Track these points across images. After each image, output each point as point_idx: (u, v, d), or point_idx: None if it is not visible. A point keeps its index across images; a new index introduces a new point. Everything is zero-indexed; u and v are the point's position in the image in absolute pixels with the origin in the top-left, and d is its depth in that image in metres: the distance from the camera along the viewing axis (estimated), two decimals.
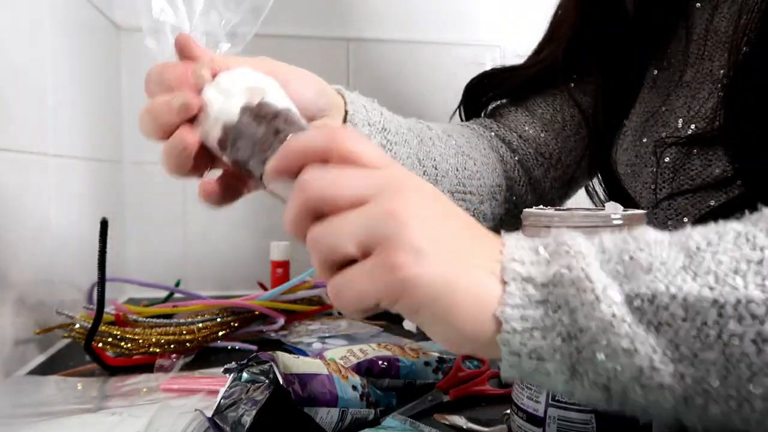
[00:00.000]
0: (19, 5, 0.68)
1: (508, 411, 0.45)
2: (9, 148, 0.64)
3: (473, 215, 0.57)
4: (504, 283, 0.29)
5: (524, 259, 0.29)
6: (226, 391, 0.42)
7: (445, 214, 0.31)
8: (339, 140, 0.31)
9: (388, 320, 0.84)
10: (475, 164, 0.62)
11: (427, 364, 0.57)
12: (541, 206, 0.44)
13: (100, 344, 0.62)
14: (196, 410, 0.45)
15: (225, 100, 0.36)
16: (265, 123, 0.35)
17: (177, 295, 0.87)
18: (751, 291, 0.25)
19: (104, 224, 0.57)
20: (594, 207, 0.62)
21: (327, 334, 0.72)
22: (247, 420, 0.40)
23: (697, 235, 0.28)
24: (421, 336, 0.77)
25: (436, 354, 0.59)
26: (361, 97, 0.53)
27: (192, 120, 0.38)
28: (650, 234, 0.29)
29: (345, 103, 0.50)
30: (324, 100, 0.47)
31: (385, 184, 0.30)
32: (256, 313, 0.73)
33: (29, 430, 0.45)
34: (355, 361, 0.55)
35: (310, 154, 0.32)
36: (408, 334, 0.77)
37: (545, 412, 0.40)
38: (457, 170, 0.60)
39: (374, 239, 0.29)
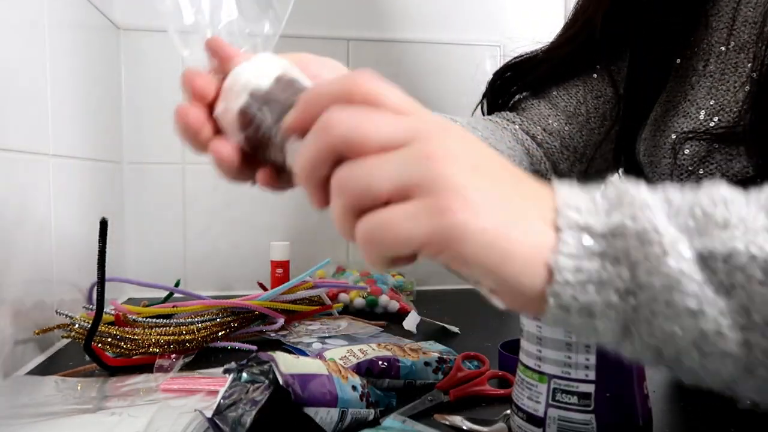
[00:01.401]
0: (19, 5, 0.67)
1: (508, 411, 0.45)
2: (9, 148, 0.64)
3: None
4: (558, 230, 0.26)
5: (581, 206, 0.26)
6: (226, 391, 0.42)
7: (489, 159, 0.29)
8: (362, 83, 0.29)
9: (388, 320, 0.85)
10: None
11: (427, 364, 0.57)
12: None
13: (100, 344, 0.62)
14: (196, 410, 0.45)
15: (256, 72, 0.35)
16: (294, 91, 0.34)
17: (177, 295, 0.87)
18: None
19: (104, 224, 0.57)
20: None
21: (327, 334, 0.72)
22: (247, 420, 0.40)
23: None
24: (421, 336, 0.77)
25: (436, 354, 0.59)
26: None
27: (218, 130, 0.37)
28: (724, 190, 0.26)
29: None
30: None
31: (420, 128, 0.28)
32: (256, 313, 0.73)
33: (29, 430, 0.45)
34: (355, 361, 0.55)
35: (332, 101, 0.29)
36: (408, 334, 0.77)
37: (545, 412, 0.40)
38: None
39: (414, 182, 0.26)
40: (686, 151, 0.50)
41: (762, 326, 0.24)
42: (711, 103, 0.50)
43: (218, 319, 0.70)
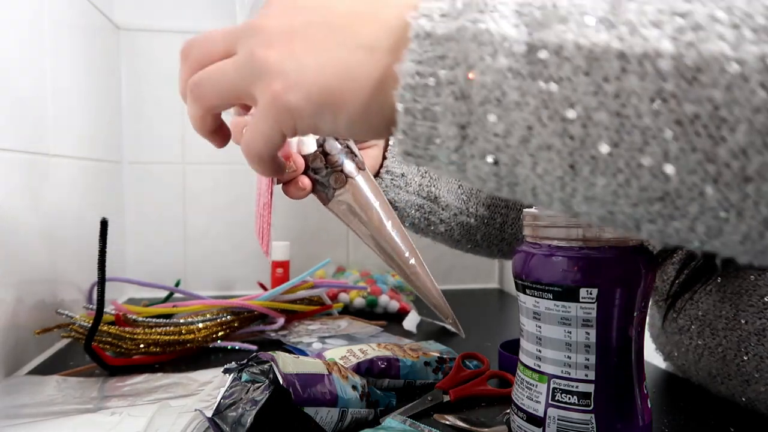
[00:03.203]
0: (19, 5, 0.68)
1: (508, 411, 0.45)
2: (9, 148, 0.64)
3: None
4: (408, 39, 0.27)
5: (434, 13, 0.27)
6: (226, 391, 0.42)
7: (317, 23, 0.31)
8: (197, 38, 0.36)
9: (388, 320, 0.85)
10: None
11: (427, 364, 0.57)
12: None
13: (100, 344, 0.62)
14: (196, 410, 0.45)
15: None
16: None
17: (177, 295, 0.87)
18: (662, 44, 0.22)
19: (104, 224, 0.57)
20: None
21: (327, 334, 0.72)
22: (247, 420, 0.40)
23: None
24: (421, 336, 0.77)
25: (436, 354, 0.59)
26: None
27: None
28: None
29: None
30: None
31: (245, 28, 0.32)
32: (256, 313, 0.73)
33: (29, 430, 0.45)
34: (355, 361, 0.55)
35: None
36: (408, 334, 0.77)
37: (545, 412, 0.40)
38: None
39: (247, 82, 0.31)
40: None
41: (584, 117, 0.24)
42: None
43: (218, 319, 0.70)
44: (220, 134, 0.39)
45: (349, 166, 0.49)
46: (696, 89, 0.22)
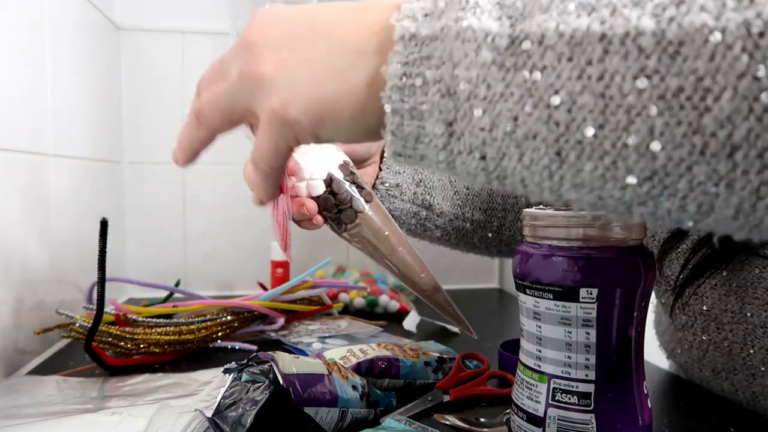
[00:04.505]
0: (19, 5, 0.68)
1: (508, 411, 0.45)
2: (9, 148, 0.64)
3: None
4: (393, 41, 0.28)
5: (417, 14, 0.28)
6: (226, 391, 0.42)
7: (301, 32, 0.32)
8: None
9: (388, 320, 0.85)
10: None
11: (427, 364, 0.57)
12: (542, 206, 0.44)
13: (100, 344, 0.62)
14: (196, 410, 0.45)
15: (319, 163, 0.52)
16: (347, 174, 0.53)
17: (177, 295, 0.87)
18: (643, 22, 0.22)
19: (104, 224, 0.57)
20: None
21: (327, 334, 0.72)
22: (247, 420, 0.40)
23: None
24: (421, 336, 0.77)
25: (436, 354, 0.59)
26: None
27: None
28: None
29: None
30: (371, 150, 0.61)
31: (234, 48, 0.33)
32: (256, 313, 0.73)
33: (29, 430, 0.45)
34: (355, 361, 0.55)
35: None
36: (408, 334, 0.77)
37: (545, 412, 0.40)
38: None
39: (244, 101, 0.33)
40: None
41: (568, 102, 0.24)
42: None
43: (218, 319, 0.70)
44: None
45: (357, 202, 0.52)
46: (678, 63, 0.22)
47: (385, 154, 0.63)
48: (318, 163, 0.52)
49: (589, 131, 0.24)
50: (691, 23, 0.22)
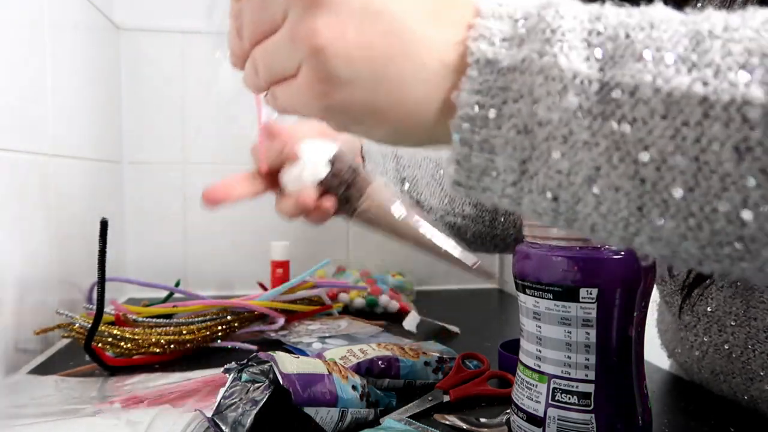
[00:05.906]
0: (19, 5, 0.68)
1: (508, 411, 0.45)
2: (9, 148, 0.64)
3: None
4: (467, 64, 0.26)
5: (495, 36, 0.26)
6: (226, 391, 0.42)
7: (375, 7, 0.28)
8: None
9: (388, 320, 0.85)
10: None
11: (427, 364, 0.57)
12: None
13: (100, 344, 0.62)
14: (196, 410, 0.45)
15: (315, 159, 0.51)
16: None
17: (177, 295, 0.87)
18: (752, 91, 0.21)
19: (104, 224, 0.57)
20: None
21: (327, 334, 0.72)
22: (247, 420, 0.40)
23: (717, 16, 0.24)
24: (421, 336, 0.77)
25: (436, 354, 0.59)
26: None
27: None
28: (658, 9, 0.25)
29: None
30: (353, 149, 0.60)
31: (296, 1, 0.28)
32: (256, 313, 0.73)
33: (29, 430, 0.45)
34: (355, 361, 0.55)
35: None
36: (408, 334, 0.77)
37: (545, 412, 0.40)
38: None
39: (294, 63, 0.28)
40: None
41: (659, 161, 0.23)
42: None
43: (218, 319, 0.70)
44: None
45: (364, 174, 0.51)
46: None
47: (364, 149, 0.62)
48: (318, 147, 0.52)
49: (678, 192, 0.23)
50: None
